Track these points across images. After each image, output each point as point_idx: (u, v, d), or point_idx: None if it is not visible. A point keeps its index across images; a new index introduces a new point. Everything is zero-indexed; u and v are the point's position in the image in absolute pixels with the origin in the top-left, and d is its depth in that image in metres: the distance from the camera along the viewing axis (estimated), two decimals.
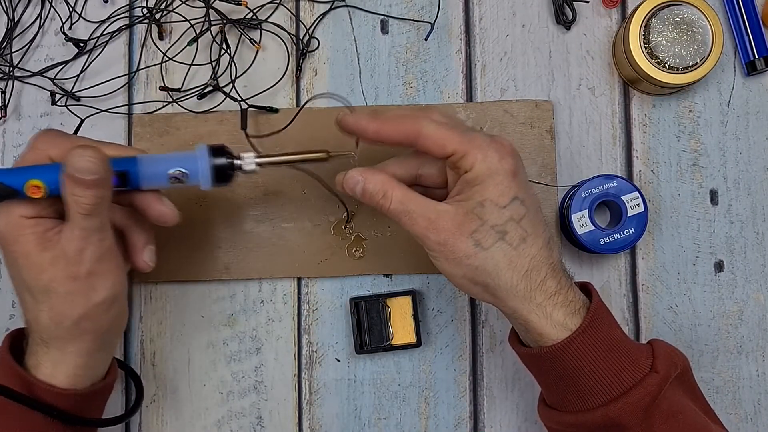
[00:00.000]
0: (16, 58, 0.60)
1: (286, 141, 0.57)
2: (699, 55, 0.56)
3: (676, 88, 0.58)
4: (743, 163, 0.60)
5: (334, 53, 0.61)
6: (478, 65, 0.61)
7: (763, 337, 0.59)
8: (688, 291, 0.59)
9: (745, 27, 0.60)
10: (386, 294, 0.58)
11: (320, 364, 0.59)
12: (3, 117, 0.60)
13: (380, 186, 0.47)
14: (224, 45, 0.59)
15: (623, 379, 0.45)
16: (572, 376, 0.46)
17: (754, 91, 0.60)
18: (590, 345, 0.45)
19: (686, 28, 0.56)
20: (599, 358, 0.45)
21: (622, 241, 0.57)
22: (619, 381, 0.45)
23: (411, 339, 0.57)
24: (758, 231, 0.59)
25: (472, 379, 0.59)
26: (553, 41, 0.61)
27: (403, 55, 0.61)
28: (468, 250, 0.45)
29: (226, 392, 0.59)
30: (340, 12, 0.61)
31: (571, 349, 0.45)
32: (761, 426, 0.58)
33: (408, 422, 0.59)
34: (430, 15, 0.60)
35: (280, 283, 0.59)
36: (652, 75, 0.56)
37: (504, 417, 0.59)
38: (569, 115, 0.60)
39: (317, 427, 0.59)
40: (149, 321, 0.59)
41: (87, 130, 0.59)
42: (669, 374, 0.45)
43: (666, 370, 0.45)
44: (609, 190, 0.56)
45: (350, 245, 0.58)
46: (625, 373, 0.45)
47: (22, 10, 0.61)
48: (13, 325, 0.59)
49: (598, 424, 0.45)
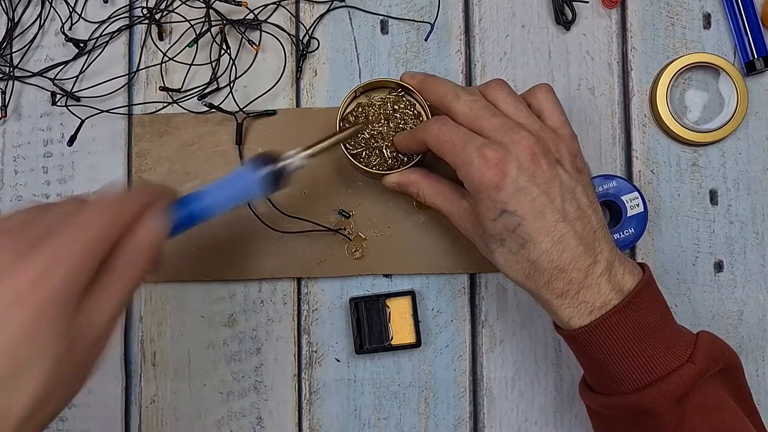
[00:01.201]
0: (16, 59, 0.60)
1: (287, 141, 0.57)
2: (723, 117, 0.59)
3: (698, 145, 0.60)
4: (743, 163, 0.60)
5: (334, 53, 0.61)
6: (477, 65, 0.61)
7: (762, 337, 0.59)
8: (688, 291, 0.59)
9: (744, 27, 0.60)
10: (386, 294, 0.58)
11: (320, 364, 0.59)
12: (3, 117, 0.60)
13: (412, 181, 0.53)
14: (224, 45, 0.59)
15: (656, 366, 0.45)
16: (602, 361, 0.46)
17: (753, 91, 0.60)
18: (614, 332, 0.45)
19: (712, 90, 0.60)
20: (628, 345, 0.45)
21: (622, 242, 0.57)
22: (650, 368, 0.45)
23: (411, 339, 0.57)
24: (758, 231, 0.59)
25: (472, 380, 0.59)
26: (553, 41, 0.61)
27: (402, 55, 0.61)
28: (482, 249, 0.49)
29: (226, 392, 0.59)
30: (340, 12, 0.61)
31: (595, 335, 0.45)
32: None
33: (408, 422, 0.59)
34: (430, 15, 0.60)
35: (280, 283, 0.59)
36: (676, 131, 0.59)
37: (504, 417, 0.59)
38: (569, 115, 0.59)
39: (317, 427, 0.59)
40: (149, 321, 0.59)
41: (87, 130, 0.59)
42: (707, 367, 0.45)
43: (705, 362, 0.45)
44: (608, 190, 0.56)
45: (350, 245, 0.58)
46: (657, 360, 0.45)
47: (22, 10, 0.61)
48: None
49: (633, 408, 0.45)
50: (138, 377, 0.59)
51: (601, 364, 0.46)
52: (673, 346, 0.46)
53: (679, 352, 0.46)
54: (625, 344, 0.45)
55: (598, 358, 0.46)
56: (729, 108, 0.59)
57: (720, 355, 0.47)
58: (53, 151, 0.60)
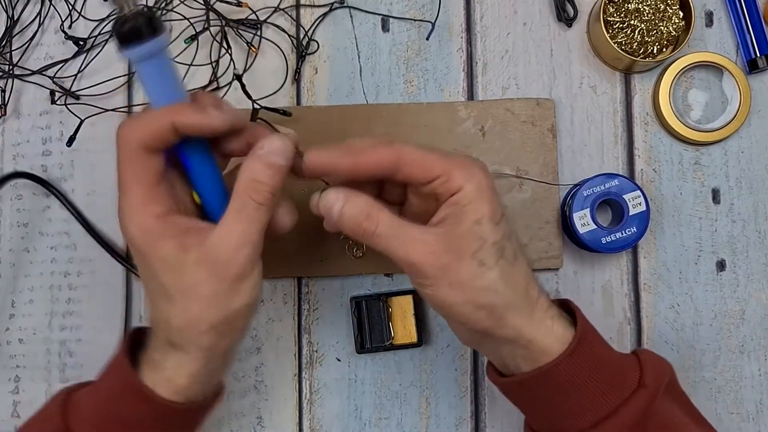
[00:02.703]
0: (16, 57, 0.60)
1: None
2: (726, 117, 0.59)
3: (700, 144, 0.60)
4: (745, 161, 0.60)
5: (335, 51, 0.60)
6: (479, 63, 0.60)
7: (764, 336, 0.59)
8: (690, 290, 0.59)
9: (746, 25, 0.60)
10: (387, 293, 0.58)
11: (321, 364, 0.59)
12: (2, 115, 0.60)
13: (363, 207, 0.42)
14: (225, 44, 0.59)
15: (613, 396, 0.43)
16: (567, 392, 0.44)
17: (755, 89, 0.60)
18: (586, 357, 0.44)
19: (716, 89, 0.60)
20: (593, 374, 0.44)
21: (624, 240, 0.56)
22: (608, 398, 0.43)
23: (412, 338, 0.57)
24: (760, 230, 0.59)
25: (474, 379, 0.59)
26: (555, 39, 0.60)
27: (404, 53, 0.60)
28: (473, 271, 0.42)
29: (226, 392, 0.58)
30: (341, 10, 0.61)
31: (571, 362, 0.43)
32: (763, 426, 0.58)
33: (409, 422, 0.58)
34: (431, 13, 0.60)
35: (280, 283, 0.59)
36: (679, 131, 0.59)
37: (505, 417, 0.58)
38: (571, 113, 0.60)
39: (317, 427, 0.58)
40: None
41: (87, 129, 0.59)
42: (658, 387, 0.44)
43: (654, 383, 0.44)
44: (611, 188, 0.56)
45: (350, 244, 0.58)
46: (615, 389, 0.44)
47: (22, 8, 0.60)
48: (13, 325, 0.59)
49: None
50: None
51: (561, 399, 0.44)
52: (624, 372, 0.45)
53: (630, 378, 0.44)
54: (591, 371, 0.43)
55: (563, 389, 0.44)
56: (732, 107, 0.59)
57: (664, 370, 0.46)
58: (52, 150, 0.60)
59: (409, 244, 0.42)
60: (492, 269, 0.42)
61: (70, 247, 0.59)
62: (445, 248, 0.42)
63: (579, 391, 0.43)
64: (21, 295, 0.59)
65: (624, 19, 0.57)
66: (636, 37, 0.57)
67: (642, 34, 0.57)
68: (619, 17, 0.57)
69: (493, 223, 0.43)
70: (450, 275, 0.42)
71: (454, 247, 0.42)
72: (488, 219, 0.42)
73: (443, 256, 0.41)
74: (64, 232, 0.60)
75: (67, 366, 0.59)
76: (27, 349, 0.59)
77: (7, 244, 0.60)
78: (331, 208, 0.43)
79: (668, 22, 0.57)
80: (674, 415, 0.45)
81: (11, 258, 0.60)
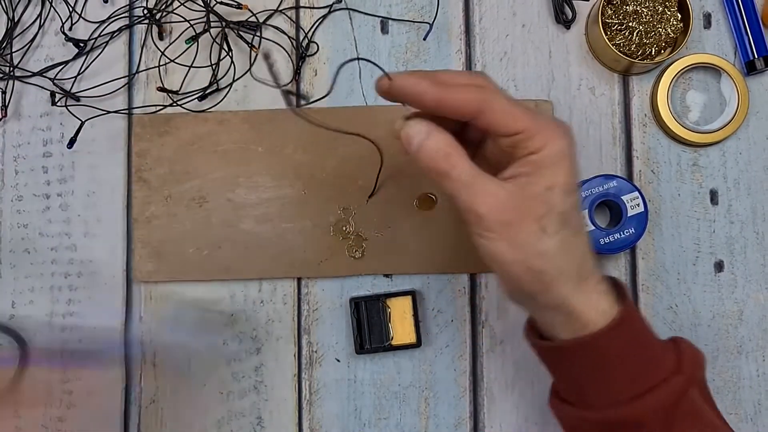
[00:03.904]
0: (17, 58, 0.60)
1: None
2: (724, 118, 0.59)
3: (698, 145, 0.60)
4: (743, 162, 0.60)
5: (334, 53, 0.61)
6: (478, 65, 0.61)
7: (763, 337, 0.59)
8: (688, 291, 0.59)
9: (744, 27, 0.60)
10: (386, 294, 0.58)
11: (320, 365, 0.59)
12: (3, 117, 0.60)
13: (444, 147, 0.41)
14: (225, 46, 0.59)
15: (649, 376, 0.44)
16: (604, 366, 0.44)
17: (753, 91, 0.60)
18: (627, 335, 0.44)
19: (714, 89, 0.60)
20: (632, 351, 0.44)
21: (622, 241, 0.57)
22: (644, 378, 0.44)
23: (411, 339, 0.57)
24: (758, 231, 0.59)
25: (472, 380, 0.59)
26: (553, 41, 0.61)
27: (403, 55, 0.61)
28: (533, 235, 0.41)
29: (226, 392, 0.59)
30: (340, 12, 0.61)
31: (611, 337, 0.43)
32: (761, 426, 0.58)
33: (408, 422, 0.59)
34: (430, 15, 0.60)
35: (280, 283, 0.59)
36: (677, 132, 0.59)
37: (504, 417, 0.59)
38: (569, 114, 0.60)
39: (317, 427, 0.59)
40: (149, 321, 0.59)
41: (87, 130, 0.59)
42: (694, 375, 0.45)
43: (691, 370, 0.45)
44: (609, 190, 0.56)
45: (350, 245, 0.58)
46: (652, 369, 0.44)
47: (22, 10, 0.61)
48: (13, 326, 0.59)
49: (619, 421, 0.44)
50: (138, 377, 0.59)
51: (601, 372, 0.44)
52: (662, 355, 0.45)
53: (668, 362, 0.45)
54: (633, 347, 0.44)
55: (604, 362, 0.44)
56: (730, 108, 0.59)
57: (700, 361, 0.46)
58: (53, 151, 0.60)
59: (480, 196, 0.41)
60: (552, 237, 0.42)
61: (71, 248, 0.60)
62: (513, 206, 0.41)
63: (616, 367, 0.44)
64: (21, 296, 0.59)
65: (622, 21, 0.57)
66: (634, 39, 0.57)
67: (640, 36, 0.57)
68: (617, 19, 0.58)
69: (564, 193, 0.42)
70: (510, 233, 0.41)
71: (521, 207, 0.41)
72: (561, 188, 0.42)
73: (509, 213, 0.41)
74: (65, 233, 0.60)
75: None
76: None
77: (8, 245, 0.60)
78: (412, 139, 0.42)
79: (666, 24, 0.57)
80: (703, 408, 0.45)
81: (11, 259, 0.60)
